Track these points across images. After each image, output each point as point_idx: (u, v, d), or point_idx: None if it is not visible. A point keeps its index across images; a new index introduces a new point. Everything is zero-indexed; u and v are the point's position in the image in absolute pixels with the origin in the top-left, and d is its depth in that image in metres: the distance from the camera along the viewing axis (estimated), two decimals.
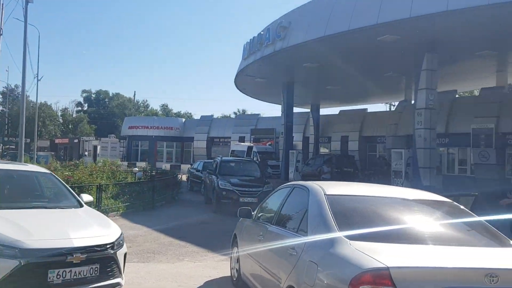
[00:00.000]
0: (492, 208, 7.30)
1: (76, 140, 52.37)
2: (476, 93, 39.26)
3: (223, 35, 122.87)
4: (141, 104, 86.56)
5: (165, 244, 9.44)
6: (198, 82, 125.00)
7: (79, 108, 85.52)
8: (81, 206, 6.12)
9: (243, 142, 38.72)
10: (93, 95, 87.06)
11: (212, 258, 8.35)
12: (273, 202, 5.47)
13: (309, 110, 36.77)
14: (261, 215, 5.72)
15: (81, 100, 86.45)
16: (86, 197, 6.51)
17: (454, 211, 4.09)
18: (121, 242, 5.38)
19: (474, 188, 22.17)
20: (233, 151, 34.28)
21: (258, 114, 44.68)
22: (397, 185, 20.35)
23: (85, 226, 5.35)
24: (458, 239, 3.66)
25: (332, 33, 17.89)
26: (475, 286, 2.92)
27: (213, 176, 15.36)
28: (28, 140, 41.45)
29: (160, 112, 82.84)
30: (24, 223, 4.95)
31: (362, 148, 33.58)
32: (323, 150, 36.90)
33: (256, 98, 38.40)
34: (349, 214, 3.84)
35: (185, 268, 7.56)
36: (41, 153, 40.90)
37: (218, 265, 7.74)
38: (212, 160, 20.05)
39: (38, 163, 23.10)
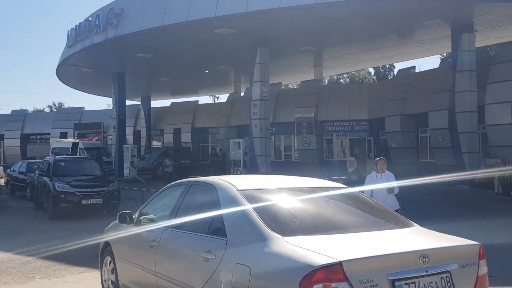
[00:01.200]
0: None
1: None
2: (291, 86, 43.28)
3: (36, 18, 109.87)
4: None
5: (3, 261, 7.99)
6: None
7: None
8: None
9: (66, 138, 35.55)
10: None
11: (68, 271, 7.37)
12: (162, 203, 4.98)
13: (139, 103, 35.57)
14: (144, 218, 5.19)
15: None
16: None
17: (358, 197, 4.26)
18: None
19: (297, 171, 24.46)
20: (54, 148, 31.05)
21: (82, 108, 41.24)
22: (236, 174, 21.16)
23: None
24: (378, 223, 3.78)
25: (170, 23, 17.52)
26: (413, 269, 3.01)
27: (46, 178, 13.62)
28: None
29: None
30: None
31: (195, 139, 33.92)
32: (155, 143, 36.18)
33: (82, 90, 35.51)
34: (270, 209, 3.64)
35: (40, 287, 6.52)
36: None
37: (81, 279, 6.87)
38: (39, 160, 17.82)
39: None
